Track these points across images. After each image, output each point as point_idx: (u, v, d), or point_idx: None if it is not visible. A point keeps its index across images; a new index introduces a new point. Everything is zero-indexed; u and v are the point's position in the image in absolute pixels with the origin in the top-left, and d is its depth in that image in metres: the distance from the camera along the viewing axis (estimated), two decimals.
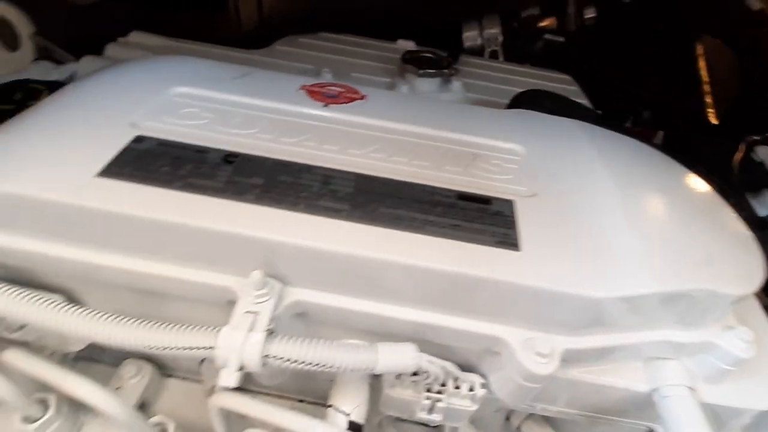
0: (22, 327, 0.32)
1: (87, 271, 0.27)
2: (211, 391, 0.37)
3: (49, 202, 0.25)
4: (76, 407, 0.33)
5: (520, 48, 0.81)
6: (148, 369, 0.37)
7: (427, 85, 0.56)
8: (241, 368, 0.23)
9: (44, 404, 0.31)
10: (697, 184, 0.35)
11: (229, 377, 0.23)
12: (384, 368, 0.25)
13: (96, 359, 0.37)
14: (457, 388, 0.30)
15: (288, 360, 0.24)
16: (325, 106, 0.35)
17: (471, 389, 0.30)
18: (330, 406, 0.29)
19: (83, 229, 0.26)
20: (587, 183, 0.32)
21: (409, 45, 0.72)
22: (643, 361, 0.29)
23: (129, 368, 0.36)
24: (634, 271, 0.26)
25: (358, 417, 0.29)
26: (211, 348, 0.24)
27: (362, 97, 0.38)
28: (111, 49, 0.59)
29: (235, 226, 0.25)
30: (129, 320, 0.24)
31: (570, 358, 0.28)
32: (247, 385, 0.35)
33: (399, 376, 0.30)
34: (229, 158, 0.29)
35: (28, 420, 0.30)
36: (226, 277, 0.27)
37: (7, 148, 0.28)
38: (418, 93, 0.57)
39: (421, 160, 0.31)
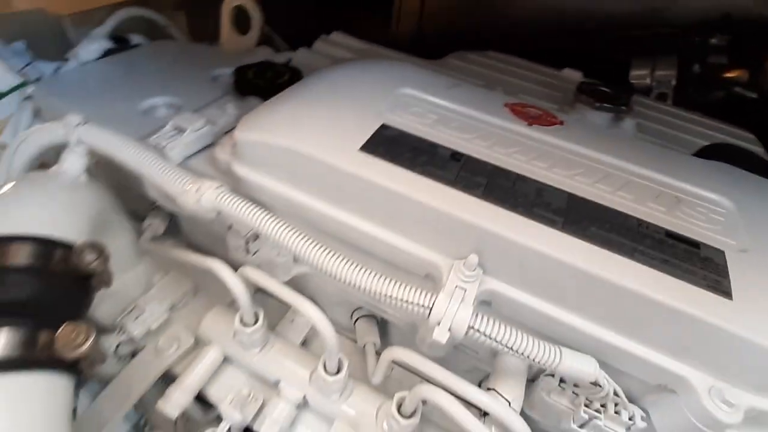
0: (256, 252, 0.41)
1: (327, 223, 0.34)
2: (364, 347, 0.43)
3: (323, 162, 0.32)
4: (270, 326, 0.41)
5: (693, 94, 0.76)
6: None
7: (600, 118, 0.56)
8: (449, 332, 0.28)
9: (256, 316, 0.39)
10: None
11: (442, 335, 0.27)
12: (565, 370, 0.28)
13: None
14: (617, 413, 0.31)
15: (486, 335, 0.28)
16: (529, 125, 0.39)
17: (630, 418, 0.31)
18: (491, 389, 0.33)
19: (340, 188, 0.32)
20: None
21: (575, 75, 0.73)
22: None
23: None
24: None
25: (516, 408, 0.32)
26: (427, 308, 0.28)
27: (560, 122, 0.40)
28: (318, 45, 0.70)
29: (464, 212, 0.29)
30: (367, 270, 0.30)
31: (751, 416, 0.27)
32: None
33: (561, 383, 0.32)
34: (457, 156, 0.33)
35: (246, 324, 0.39)
36: (435, 255, 0.32)
37: (288, 115, 0.36)
38: (588, 125, 0.58)
39: (625, 192, 0.33)
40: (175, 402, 0.38)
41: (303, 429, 0.38)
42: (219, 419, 0.40)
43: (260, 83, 0.49)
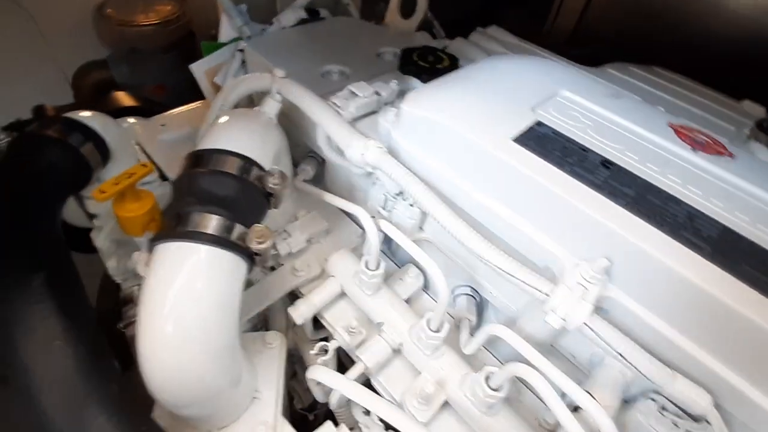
0: (391, 210, 0.47)
1: (466, 199, 0.38)
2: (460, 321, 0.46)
3: (477, 145, 0.36)
4: None
5: None
6: None
7: None
8: (563, 321, 0.30)
9: (379, 264, 0.46)
10: None
11: (555, 321, 0.30)
12: (677, 394, 0.28)
13: None
14: None
15: (601, 338, 0.29)
16: (693, 150, 0.37)
17: None
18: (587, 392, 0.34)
19: (486, 171, 0.36)
20: None
21: (757, 110, 0.64)
22: None
23: None
24: None
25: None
26: (545, 294, 0.31)
27: (730, 155, 0.38)
28: (475, 36, 0.73)
29: (605, 217, 0.30)
30: (494, 246, 0.33)
31: None
32: None
33: (663, 408, 0.32)
34: (606, 164, 0.34)
35: (369, 268, 0.45)
36: (561, 250, 0.33)
37: (451, 97, 0.40)
38: (761, 164, 0.51)
39: None
40: (301, 312, 0.46)
41: (394, 370, 0.44)
42: (322, 341, 0.49)
43: (422, 65, 0.54)
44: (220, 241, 0.36)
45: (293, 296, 0.52)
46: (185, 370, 0.34)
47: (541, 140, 0.35)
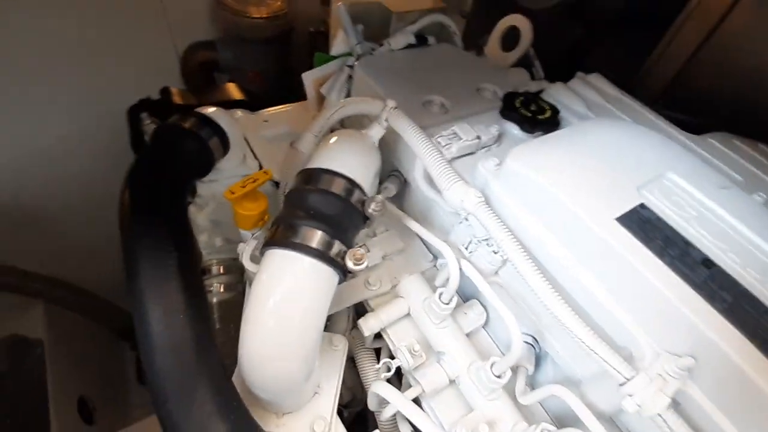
0: (472, 251, 0.50)
1: (557, 265, 0.39)
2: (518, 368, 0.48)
3: (579, 217, 0.37)
4: None
5: None
6: None
7: None
8: (638, 407, 0.31)
9: (452, 299, 0.49)
10: None
11: (630, 406, 0.31)
12: None
13: None
14: None
15: (670, 428, 0.30)
16: None
17: None
18: None
19: (584, 244, 0.37)
20: None
21: None
22: None
23: None
24: None
25: None
26: (625, 378, 0.32)
27: None
28: (574, 83, 0.72)
29: (700, 320, 0.31)
30: (582, 321, 0.35)
31: None
32: None
33: None
34: (708, 263, 0.35)
35: (442, 301, 0.48)
36: (646, 338, 0.34)
37: (557, 160, 0.42)
38: None
39: None
40: (370, 325, 0.50)
41: (446, 398, 0.47)
42: (375, 351, 0.53)
43: (524, 113, 0.56)
44: (322, 255, 0.40)
45: (358, 304, 0.56)
46: (277, 360, 0.39)
47: (644, 224, 0.36)
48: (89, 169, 1.26)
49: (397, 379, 0.52)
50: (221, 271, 0.72)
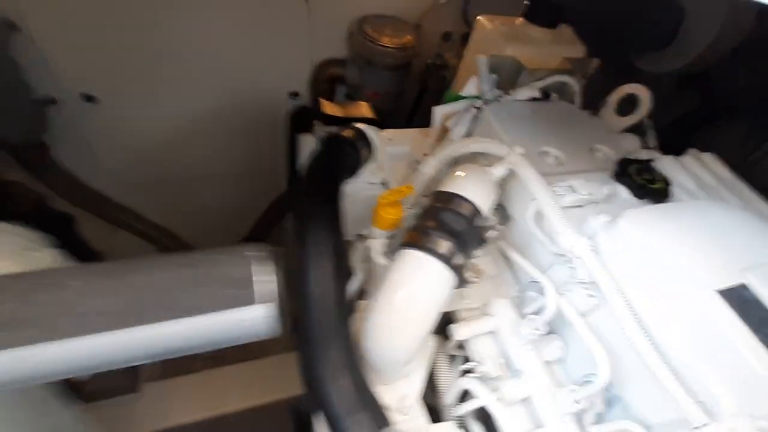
0: (569, 290, 0.56)
1: (653, 323, 0.45)
2: None
3: (683, 284, 0.43)
4: None
5: None
6: None
7: None
8: None
9: (541, 329, 0.55)
10: None
11: None
12: None
13: None
14: None
15: None
16: None
17: None
18: None
19: (684, 311, 0.43)
20: None
21: None
22: None
23: None
24: None
25: None
26: (702, 423, 0.37)
27: None
28: (687, 159, 0.76)
29: None
30: (673, 375, 0.40)
31: None
32: None
33: None
34: None
35: (535, 329, 0.55)
36: (729, 399, 0.39)
37: (670, 228, 0.48)
38: None
39: None
40: (461, 333, 0.58)
41: (516, 411, 0.53)
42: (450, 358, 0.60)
43: (637, 180, 0.62)
44: (447, 261, 0.50)
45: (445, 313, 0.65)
46: (396, 340, 0.49)
47: (742, 302, 0.41)
48: (222, 144, 1.48)
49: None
50: None
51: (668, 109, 0.99)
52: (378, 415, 0.46)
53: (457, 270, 0.51)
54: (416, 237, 0.51)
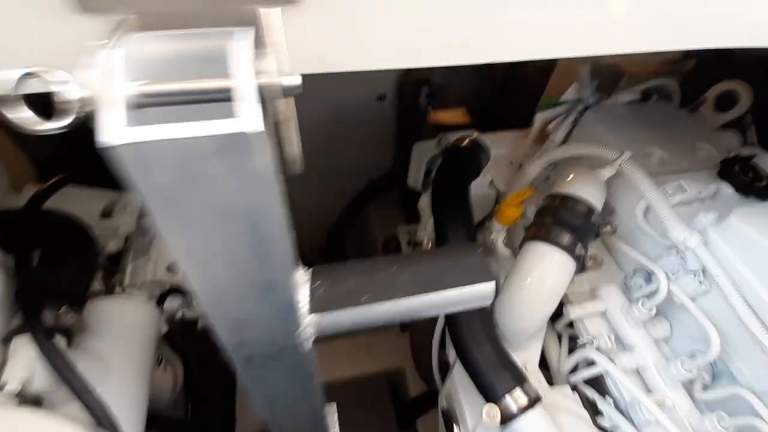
0: (677, 279, 0.65)
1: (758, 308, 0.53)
2: None
3: None
4: None
5: None
6: None
7: None
8: None
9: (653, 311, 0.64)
10: None
11: None
12: None
13: None
14: None
15: None
16: None
17: None
18: None
19: None
20: None
21: None
22: None
23: None
24: None
25: None
26: None
27: None
28: None
29: None
30: None
31: None
32: None
33: None
34: None
35: (647, 308, 0.65)
36: None
37: None
38: None
39: None
40: (576, 311, 0.69)
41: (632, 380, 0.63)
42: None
43: (740, 178, 0.67)
44: (569, 251, 0.60)
45: None
46: (526, 316, 0.61)
47: None
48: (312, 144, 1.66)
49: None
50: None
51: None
52: (516, 373, 0.58)
53: (578, 259, 0.61)
54: (542, 232, 0.62)
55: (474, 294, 0.37)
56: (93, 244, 0.65)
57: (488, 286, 0.37)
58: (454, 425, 0.72)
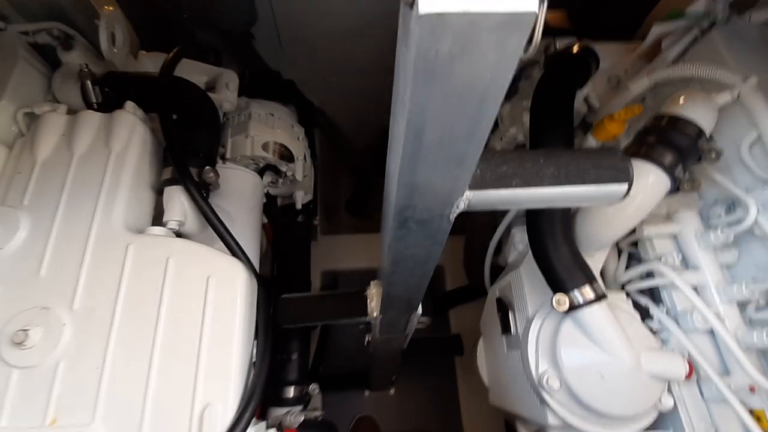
0: None
1: None
2: None
3: None
4: None
5: None
6: None
7: None
8: None
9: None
10: None
11: None
12: None
13: None
14: None
15: None
16: None
17: None
18: None
19: None
20: None
21: None
22: None
23: None
24: None
25: None
26: None
27: None
28: None
29: None
30: None
31: None
32: None
33: None
34: None
35: (720, 228, 0.68)
36: None
37: None
38: None
39: None
40: (651, 230, 0.73)
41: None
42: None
43: None
44: (670, 171, 0.62)
45: None
46: (607, 228, 0.66)
47: None
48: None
49: None
50: None
51: None
52: (588, 273, 0.66)
53: (675, 180, 0.63)
54: (643, 149, 0.64)
55: (607, 192, 0.41)
56: (218, 113, 0.70)
57: (621, 187, 0.41)
58: (509, 311, 0.84)
